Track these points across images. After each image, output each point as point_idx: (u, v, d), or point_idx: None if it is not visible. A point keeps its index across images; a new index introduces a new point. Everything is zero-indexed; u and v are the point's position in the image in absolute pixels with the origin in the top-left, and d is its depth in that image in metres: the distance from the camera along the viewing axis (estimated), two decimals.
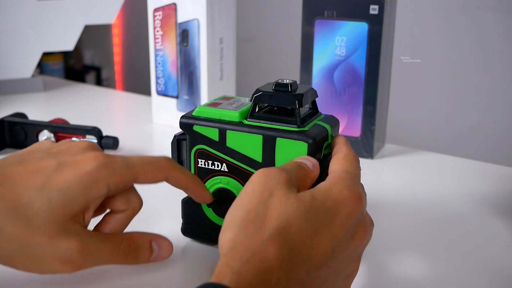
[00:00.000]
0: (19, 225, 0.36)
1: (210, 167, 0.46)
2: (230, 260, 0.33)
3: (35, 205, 0.36)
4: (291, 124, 0.43)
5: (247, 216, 0.35)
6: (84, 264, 0.38)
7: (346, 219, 0.36)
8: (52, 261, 0.37)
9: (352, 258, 0.38)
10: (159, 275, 0.45)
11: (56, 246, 0.36)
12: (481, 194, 0.61)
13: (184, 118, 0.46)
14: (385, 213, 0.58)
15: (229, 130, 0.44)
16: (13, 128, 0.71)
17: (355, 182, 0.38)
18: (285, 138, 0.42)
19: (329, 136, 0.44)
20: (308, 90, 0.45)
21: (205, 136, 0.45)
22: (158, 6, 0.79)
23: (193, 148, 0.46)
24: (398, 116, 1.44)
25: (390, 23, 0.70)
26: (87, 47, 2.49)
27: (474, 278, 0.45)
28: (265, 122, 0.44)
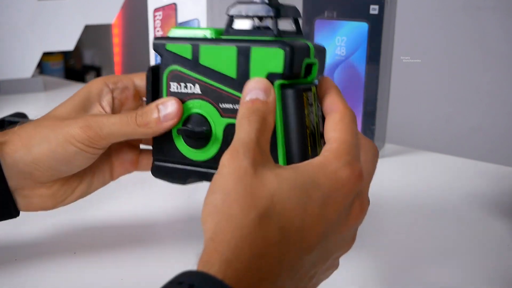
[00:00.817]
0: (50, 119, 0.44)
1: (183, 90, 0.43)
2: (218, 244, 0.30)
3: (57, 109, 0.45)
4: (267, 35, 0.40)
5: (227, 198, 0.32)
6: (99, 129, 0.43)
7: (342, 200, 0.33)
8: (73, 130, 0.42)
9: (346, 239, 0.36)
10: (159, 275, 0.45)
11: (73, 121, 0.43)
12: (481, 194, 0.61)
13: (157, 39, 0.44)
14: (385, 213, 0.58)
15: (202, 45, 0.41)
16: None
17: (355, 155, 0.35)
18: (260, 47, 0.39)
19: (311, 54, 0.41)
20: (290, 6, 0.42)
21: (177, 55, 0.43)
22: (158, 6, 0.79)
23: (165, 70, 0.44)
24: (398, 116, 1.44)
25: (390, 23, 0.70)
26: (87, 47, 2.49)
27: (474, 278, 0.45)
28: (240, 35, 0.41)
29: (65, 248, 0.48)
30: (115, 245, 0.49)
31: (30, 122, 0.45)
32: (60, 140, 0.42)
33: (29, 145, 0.43)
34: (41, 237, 0.50)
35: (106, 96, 0.46)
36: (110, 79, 0.47)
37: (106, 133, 0.43)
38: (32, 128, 0.44)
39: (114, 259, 0.47)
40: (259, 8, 0.41)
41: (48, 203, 0.45)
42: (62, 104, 0.46)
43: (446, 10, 1.52)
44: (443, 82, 1.57)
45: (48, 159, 0.43)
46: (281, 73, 0.38)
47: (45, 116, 0.45)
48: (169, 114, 0.43)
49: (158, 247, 0.49)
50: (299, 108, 0.38)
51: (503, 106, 1.50)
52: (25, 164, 0.42)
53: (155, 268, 0.46)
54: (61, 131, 0.43)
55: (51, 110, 0.46)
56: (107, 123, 0.43)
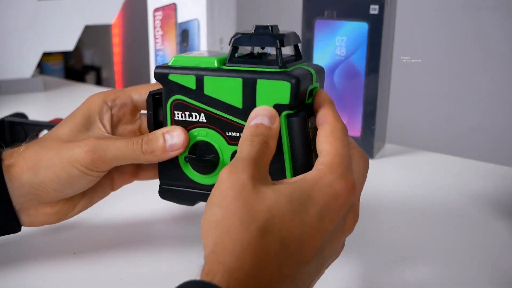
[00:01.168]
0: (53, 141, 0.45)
1: (188, 118, 0.43)
2: (220, 257, 0.31)
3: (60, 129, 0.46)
4: (272, 66, 0.40)
5: (227, 212, 0.33)
6: (104, 153, 0.43)
7: (338, 211, 0.34)
8: (78, 155, 0.43)
9: (337, 249, 0.37)
10: (159, 275, 0.45)
11: (77, 144, 0.43)
12: (481, 194, 0.61)
13: (159, 68, 0.43)
14: (385, 213, 0.58)
15: (206, 76, 0.41)
16: (13, 128, 0.71)
17: (348, 167, 0.35)
18: (266, 79, 0.40)
19: (314, 80, 0.41)
20: (290, 33, 0.42)
21: (181, 85, 0.42)
22: (158, 6, 0.79)
23: (169, 99, 0.43)
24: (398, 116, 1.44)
25: (390, 23, 0.70)
26: (87, 47, 2.49)
27: (474, 278, 0.45)
28: (244, 66, 0.41)
29: (65, 248, 0.48)
30: (115, 245, 0.49)
31: (35, 142, 0.45)
32: (65, 164, 0.43)
33: (34, 168, 0.43)
34: (41, 237, 0.50)
35: (106, 114, 0.47)
36: (109, 96, 0.47)
37: (110, 158, 0.43)
38: (37, 151, 0.44)
39: (114, 259, 0.47)
40: (263, 39, 0.41)
41: (51, 220, 0.46)
42: (64, 123, 0.46)
43: (446, 10, 1.52)
44: (443, 82, 1.57)
45: (53, 182, 0.44)
46: (287, 104, 0.39)
47: (49, 136, 0.45)
48: (176, 144, 0.43)
49: (158, 247, 0.49)
50: (305, 134, 0.40)
51: (503, 106, 1.50)
52: (30, 186, 0.44)
53: (155, 268, 0.46)
54: (66, 154, 0.43)
55: (54, 129, 0.46)
56: (112, 147, 0.43)
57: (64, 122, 0.46)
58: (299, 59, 0.43)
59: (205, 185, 0.44)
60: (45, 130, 0.69)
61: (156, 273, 0.45)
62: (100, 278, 0.44)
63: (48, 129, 0.69)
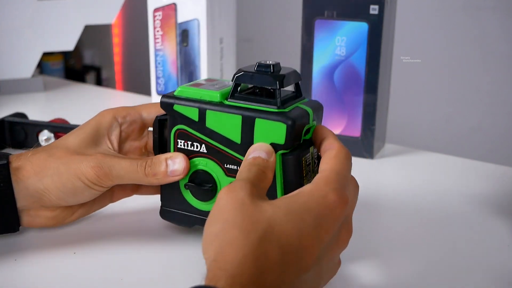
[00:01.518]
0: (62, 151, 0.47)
1: (190, 148, 0.45)
2: (222, 264, 0.32)
3: (69, 139, 0.48)
4: (271, 105, 0.42)
5: (226, 225, 0.34)
6: (108, 171, 0.45)
7: (333, 223, 0.36)
8: (85, 169, 0.45)
9: (334, 262, 0.38)
10: (159, 275, 0.45)
11: (86, 157, 0.46)
12: (481, 194, 0.61)
13: (165, 97, 0.46)
14: (385, 213, 0.58)
15: (208, 110, 0.43)
16: (13, 128, 0.71)
17: (343, 185, 0.37)
18: (264, 119, 0.42)
19: (310, 119, 0.43)
20: (291, 72, 0.44)
21: (185, 116, 0.45)
22: (158, 6, 0.79)
23: (173, 128, 0.46)
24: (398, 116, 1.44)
25: (390, 23, 0.70)
26: (87, 47, 2.49)
27: (474, 278, 0.45)
28: (245, 103, 0.43)
29: (65, 248, 0.48)
30: (115, 245, 0.49)
31: (43, 149, 0.47)
32: (71, 175, 0.45)
33: (41, 174, 0.46)
34: (41, 237, 0.50)
35: (115, 130, 0.49)
36: (120, 112, 0.50)
37: (114, 176, 0.46)
38: (45, 158, 0.46)
39: (114, 259, 0.47)
40: (263, 79, 0.43)
41: (49, 223, 0.49)
42: (73, 133, 0.48)
43: (446, 10, 1.52)
44: (443, 82, 1.57)
45: (57, 190, 0.46)
46: (282, 144, 0.41)
47: (57, 144, 0.48)
48: (177, 170, 0.46)
49: (158, 247, 0.49)
50: (298, 172, 0.42)
51: (503, 106, 1.49)
52: (35, 191, 0.46)
53: (155, 268, 0.46)
54: (73, 166, 0.45)
55: (63, 138, 0.48)
56: (117, 166, 0.46)
57: (73, 133, 0.48)
58: (299, 96, 0.45)
59: (203, 211, 0.47)
60: (45, 130, 0.69)
61: (156, 273, 0.45)
62: (100, 278, 0.44)
63: (48, 129, 0.69)
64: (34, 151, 0.47)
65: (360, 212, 0.44)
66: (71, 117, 0.79)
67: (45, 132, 0.69)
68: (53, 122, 0.71)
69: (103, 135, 0.49)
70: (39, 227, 0.49)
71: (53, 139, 0.69)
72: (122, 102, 1.08)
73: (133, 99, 1.05)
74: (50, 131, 0.69)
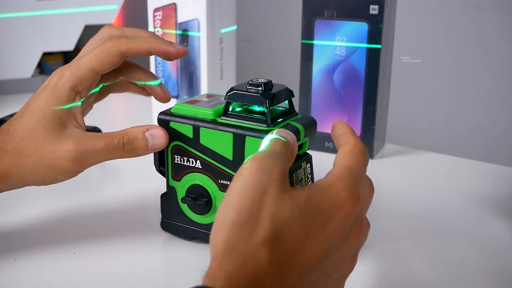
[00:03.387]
0: (31, 144, 0.45)
1: (185, 163, 0.47)
2: (223, 263, 0.32)
3: (30, 125, 0.45)
4: (261, 123, 0.44)
5: (239, 218, 0.33)
6: (86, 159, 0.44)
7: (341, 221, 0.35)
8: (61, 163, 0.44)
9: (346, 259, 0.37)
10: (159, 275, 0.45)
11: (58, 149, 0.44)
12: (481, 194, 0.61)
13: (162, 114, 0.47)
14: (385, 213, 0.58)
15: (202, 128, 0.45)
16: None
17: (356, 182, 0.36)
18: (253, 137, 0.43)
19: (301, 136, 0.44)
20: (282, 90, 0.45)
21: (180, 132, 0.46)
22: (158, 6, 0.79)
23: (170, 144, 0.47)
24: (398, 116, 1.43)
25: (390, 23, 0.70)
26: None
27: (474, 278, 0.45)
28: (237, 121, 0.44)
29: (65, 248, 0.48)
30: (115, 245, 0.49)
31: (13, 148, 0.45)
32: (48, 172, 0.45)
33: (17, 174, 0.45)
34: (41, 237, 0.50)
35: (77, 106, 0.47)
36: (77, 84, 0.46)
37: (92, 161, 0.45)
38: (17, 156, 0.45)
39: (114, 259, 0.47)
40: (253, 98, 0.44)
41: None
42: (31, 116, 0.45)
43: (446, 10, 1.52)
44: (443, 82, 1.57)
45: (36, 182, 0.46)
46: None
47: (21, 133, 0.45)
48: (157, 144, 0.46)
49: (158, 247, 0.49)
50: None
51: (503, 106, 1.49)
52: (14, 186, 0.46)
53: (155, 268, 0.46)
54: (49, 162, 0.44)
55: (20, 121, 0.45)
56: (93, 152, 0.45)
57: (31, 116, 0.45)
58: (292, 112, 0.46)
59: (201, 224, 0.48)
60: None
61: (156, 273, 0.45)
62: (100, 277, 0.44)
63: None
64: (2, 149, 0.45)
65: None
66: None
67: None
68: None
69: (65, 114, 0.46)
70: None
71: None
72: (122, 102, 1.08)
73: (133, 99, 1.05)
74: None
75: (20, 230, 0.51)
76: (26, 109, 0.46)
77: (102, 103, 0.55)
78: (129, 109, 1.01)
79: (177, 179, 0.48)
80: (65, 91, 0.46)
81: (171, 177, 0.48)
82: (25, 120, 0.46)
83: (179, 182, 0.48)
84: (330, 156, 0.44)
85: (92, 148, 0.45)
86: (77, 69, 0.46)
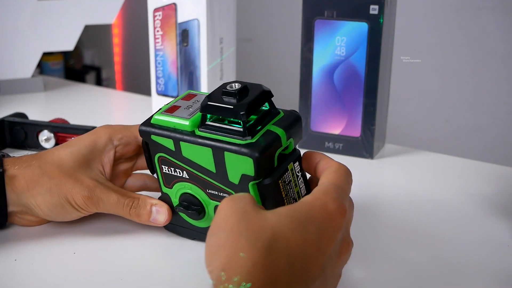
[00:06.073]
0: (55, 170, 0.48)
1: (173, 173, 0.46)
2: (232, 273, 0.32)
3: (62, 155, 0.49)
4: (238, 136, 0.42)
5: (231, 234, 0.34)
6: (98, 205, 0.48)
7: (334, 232, 0.36)
8: (76, 196, 0.47)
9: (336, 275, 0.38)
10: (159, 275, 0.45)
11: (78, 183, 0.48)
12: (481, 194, 0.61)
13: (143, 126, 0.46)
14: (385, 213, 0.58)
15: (182, 142, 0.44)
16: (13, 128, 0.71)
17: (341, 196, 0.38)
18: (232, 153, 0.42)
19: (283, 141, 0.43)
20: (258, 95, 0.43)
21: (162, 145, 0.45)
22: (158, 6, 0.79)
23: (155, 155, 0.47)
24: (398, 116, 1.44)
25: (390, 23, 0.70)
26: (87, 47, 2.49)
27: (474, 278, 0.45)
28: (215, 133, 0.43)
29: (65, 248, 0.48)
30: (115, 245, 0.49)
31: (37, 161, 0.49)
32: (61, 198, 0.48)
33: (33, 191, 0.48)
34: (41, 237, 0.50)
35: (109, 153, 0.51)
36: (116, 134, 0.51)
37: (101, 207, 0.48)
38: (39, 175, 0.48)
39: (114, 259, 0.47)
40: (228, 111, 0.42)
41: (33, 224, 0.52)
42: (67, 148, 0.50)
43: (446, 10, 1.52)
44: (443, 82, 1.57)
45: (46, 208, 0.48)
46: (253, 176, 0.41)
47: (50, 160, 0.49)
48: (158, 219, 0.49)
49: (158, 247, 0.49)
50: (277, 196, 0.42)
51: (503, 106, 1.49)
52: (26, 202, 0.48)
53: (155, 268, 0.46)
54: (64, 189, 0.48)
55: (56, 151, 0.50)
56: (105, 200, 0.48)
57: (67, 149, 0.50)
58: (273, 111, 0.44)
59: (200, 227, 0.48)
60: (45, 130, 0.69)
61: (156, 273, 0.45)
62: (100, 278, 0.44)
63: (48, 129, 0.69)
64: (27, 162, 0.48)
65: (360, 212, 0.44)
66: (71, 117, 0.79)
67: (45, 132, 0.69)
68: (53, 122, 0.71)
69: (97, 157, 0.50)
70: (22, 225, 0.51)
71: (53, 139, 0.69)
72: (122, 102, 1.08)
73: (133, 99, 1.05)
74: (50, 131, 0.69)
75: (20, 230, 0.51)
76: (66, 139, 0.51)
77: (102, 103, 0.55)
78: (129, 109, 1.01)
79: (169, 187, 0.48)
80: (104, 136, 0.51)
81: (163, 184, 0.48)
82: (59, 147, 0.50)
83: (171, 189, 0.48)
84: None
85: (105, 198, 0.48)
86: (118, 127, 0.52)
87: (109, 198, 0.48)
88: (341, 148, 0.73)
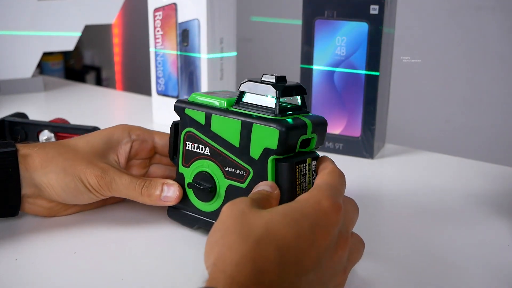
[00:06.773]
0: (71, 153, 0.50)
1: (196, 150, 0.49)
2: (221, 266, 0.33)
3: (79, 143, 0.51)
4: (269, 113, 0.45)
5: (226, 233, 0.36)
6: (110, 185, 0.49)
7: (328, 228, 0.37)
8: (89, 175, 0.49)
9: (337, 270, 0.39)
10: (159, 275, 0.45)
11: (92, 164, 0.49)
12: (481, 194, 0.62)
13: (179, 102, 0.50)
14: (385, 213, 0.58)
15: (214, 115, 0.47)
16: (14, 128, 0.71)
17: (335, 194, 0.39)
18: (260, 125, 0.44)
19: (308, 131, 0.45)
20: (293, 85, 0.46)
21: (194, 119, 0.48)
22: (158, 6, 0.79)
23: (183, 130, 0.49)
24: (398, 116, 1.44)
25: (390, 23, 0.70)
26: (87, 47, 2.49)
27: (474, 278, 0.45)
28: (247, 110, 0.46)
29: (65, 248, 0.49)
30: (115, 245, 0.49)
31: (52, 145, 0.51)
32: (75, 177, 0.49)
33: (47, 169, 0.48)
34: (41, 237, 0.50)
35: (124, 146, 0.53)
36: (135, 130, 0.54)
37: (114, 188, 0.49)
38: (53, 155, 0.49)
39: (114, 259, 0.47)
40: (264, 88, 0.46)
41: (43, 213, 0.52)
42: (84, 138, 0.52)
43: (446, 10, 1.52)
44: (443, 82, 1.57)
45: (59, 187, 0.49)
46: (275, 149, 0.44)
47: (67, 144, 0.51)
48: (170, 197, 0.50)
49: (158, 247, 0.49)
50: (291, 179, 0.44)
51: (503, 106, 1.50)
52: (39, 182, 0.49)
53: (156, 268, 0.46)
54: (78, 170, 0.49)
55: (74, 140, 0.52)
56: (118, 181, 0.49)
57: (85, 138, 0.52)
58: (304, 110, 0.48)
59: (204, 212, 0.49)
60: (45, 130, 0.69)
61: (156, 273, 0.45)
62: (100, 278, 0.44)
63: (48, 129, 0.69)
64: (42, 145, 0.50)
65: (360, 212, 0.44)
66: (71, 117, 0.79)
67: (45, 132, 0.69)
68: (53, 122, 0.71)
69: (113, 148, 0.52)
70: (33, 214, 0.52)
71: (54, 139, 0.69)
72: (122, 102, 1.08)
73: (133, 99, 1.05)
74: (50, 131, 0.69)
75: (20, 230, 0.51)
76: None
77: (102, 103, 0.55)
78: (129, 109, 1.01)
79: (187, 166, 0.50)
80: (124, 130, 0.53)
81: (182, 163, 0.50)
82: (76, 137, 0.52)
83: (188, 168, 0.50)
84: (330, 156, 0.44)
85: (118, 179, 0.49)
86: (137, 126, 0.54)
87: (121, 179, 0.49)
88: (341, 148, 0.73)
